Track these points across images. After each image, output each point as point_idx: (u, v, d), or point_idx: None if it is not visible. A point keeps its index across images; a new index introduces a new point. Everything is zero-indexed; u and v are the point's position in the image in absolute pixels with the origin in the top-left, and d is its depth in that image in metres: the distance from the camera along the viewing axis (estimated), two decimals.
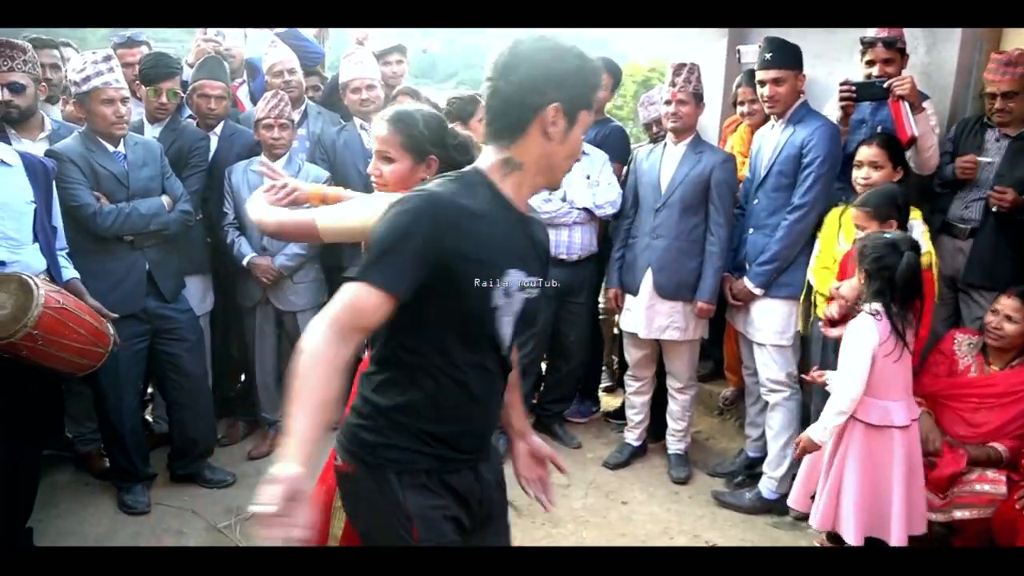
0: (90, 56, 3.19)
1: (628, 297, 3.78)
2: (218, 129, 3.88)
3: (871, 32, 3.33)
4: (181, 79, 3.73)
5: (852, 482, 2.72)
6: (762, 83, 3.40)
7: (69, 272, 2.98)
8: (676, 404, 3.83)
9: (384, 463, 1.65)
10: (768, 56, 3.35)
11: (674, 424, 3.85)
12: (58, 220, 2.98)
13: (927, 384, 3.12)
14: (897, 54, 3.31)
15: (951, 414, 3.08)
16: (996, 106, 3.19)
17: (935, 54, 3.56)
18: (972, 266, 3.32)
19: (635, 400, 3.95)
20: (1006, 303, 3.00)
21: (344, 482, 1.77)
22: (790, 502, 3.01)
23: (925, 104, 3.26)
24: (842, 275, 3.18)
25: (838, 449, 2.77)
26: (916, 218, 3.11)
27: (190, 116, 3.93)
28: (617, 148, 4.17)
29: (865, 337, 2.66)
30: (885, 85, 3.18)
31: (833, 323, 3.05)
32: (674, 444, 3.87)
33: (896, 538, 2.69)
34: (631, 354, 3.89)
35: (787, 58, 3.35)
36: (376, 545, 1.75)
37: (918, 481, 2.76)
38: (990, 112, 3.25)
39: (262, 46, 4.52)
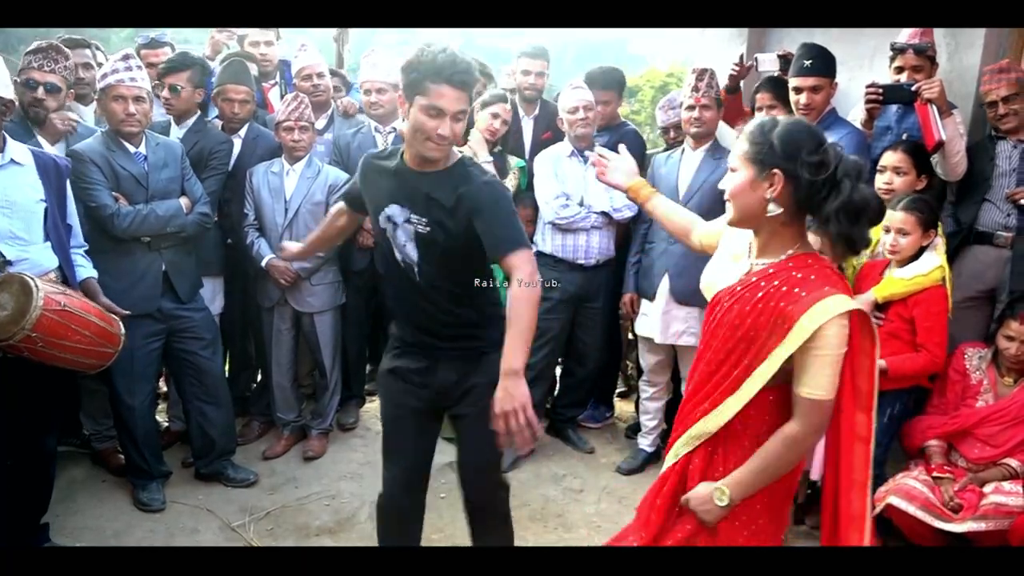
0: (113, 56, 3.24)
1: (644, 302, 3.77)
2: (242, 132, 3.90)
3: (902, 39, 3.31)
4: (194, 76, 3.70)
5: None
6: (798, 90, 3.34)
7: (86, 271, 2.99)
8: None
9: None
10: (807, 63, 3.30)
11: None
12: (73, 219, 2.98)
13: (945, 424, 3.09)
14: (927, 61, 3.28)
15: (970, 439, 3.05)
16: (1000, 112, 3.17)
17: (957, 61, 3.53)
18: (1016, 274, 3.23)
19: (650, 406, 3.93)
20: (1020, 329, 2.95)
21: None
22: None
23: (954, 111, 3.24)
24: (858, 287, 3.16)
25: None
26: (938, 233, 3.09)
27: (216, 117, 3.95)
28: (631, 150, 4.14)
29: None
30: (914, 88, 3.16)
31: None
32: None
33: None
34: (646, 359, 3.88)
35: (825, 65, 3.32)
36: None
37: None
38: (994, 120, 3.22)
39: (289, 46, 4.57)
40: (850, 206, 1.70)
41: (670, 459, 2.03)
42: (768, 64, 3.79)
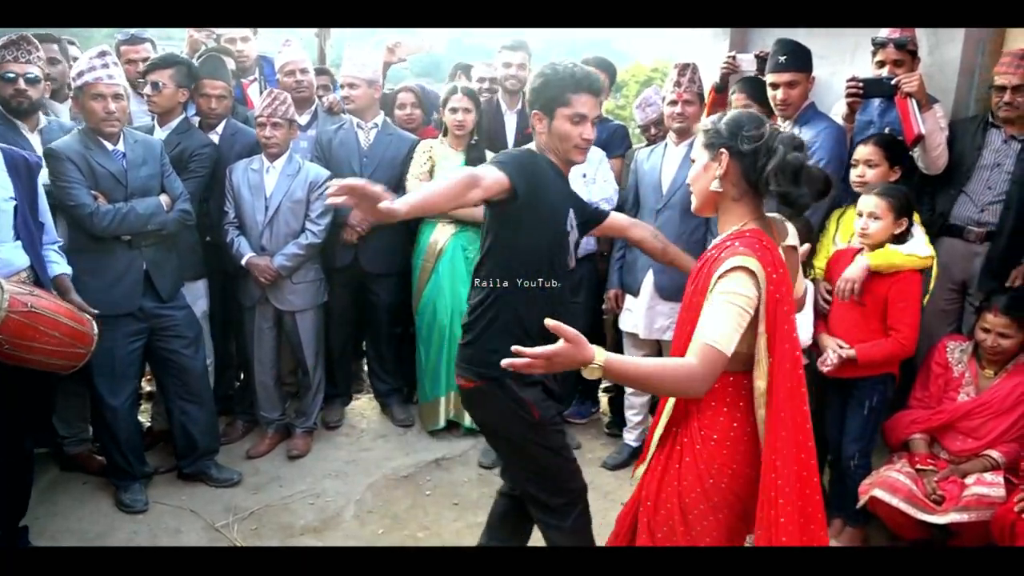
0: (88, 52, 3.18)
1: (628, 298, 3.77)
2: (220, 128, 3.86)
3: (883, 33, 3.32)
4: (177, 75, 3.64)
5: None
6: (775, 86, 3.36)
7: (59, 267, 2.94)
8: None
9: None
10: (782, 58, 3.32)
11: None
12: (46, 216, 2.93)
13: (930, 419, 3.11)
14: (908, 56, 3.30)
15: (952, 432, 3.08)
16: (1004, 99, 3.15)
17: (938, 55, 3.55)
18: (986, 275, 3.27)
19: (634, 401, 3.94)
20: (995, 321, 2.98)
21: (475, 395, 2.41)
22: None
23: (935, 105, 3.25)
24: (830, 273, 3.20)
25: None
26: (915, 221, 3.10)
27: (194, 114, 3.91)
28: (619, 145, 4.19)
29: None
30: (893, 82, 3.17)
31: None
32: None
33: None
34: (631, 354, 3.88)
35: (800, 60, 3.33)
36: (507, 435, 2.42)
37: None
38: (996, 106, 3.20)
39: (271, 43, 4.52)
40: (785, 165, 1.82)
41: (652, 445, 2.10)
42: (747, 64, 3.80)
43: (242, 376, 4.27)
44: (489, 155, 3.94)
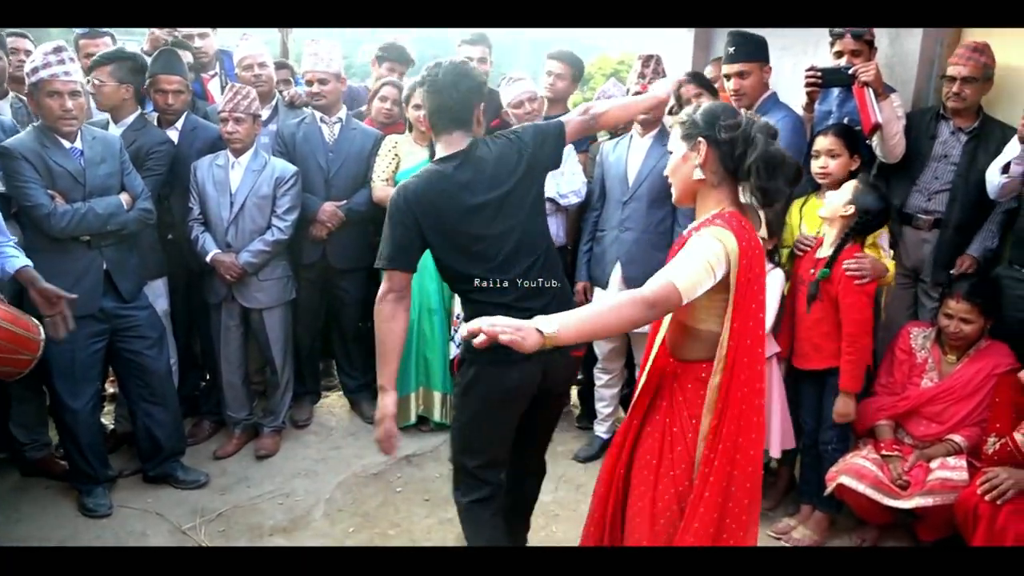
0: (43, 48, 3.09)
1: (597, 291, 3.77)
2: (179, 123, 3.79)
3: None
4: (118, 71, 3.52)
5: None
6: (727, 76, 3.39)
7: (20, 260, 2.84)
8: None
9: None
10: (732, 50, 3.35)
11: None
12: None
13: (895, 405, 3.14)
14: (865, 46, 3.34)
15: (916, 417, 3.12)
16: (953, 90, 3.21)
17: (898, 46, 3.59)
18: (937, 265, 3.34)
19: (605, 393, 3.95)
20: (957, 307, 3.02)
21: None
22: None
23: (892, 95, 3.29)
24: (795, 266, 3.22)
25: None
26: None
27: (152, 110, 3.83)
28: (583, 140, 4.17)
29: None
30: (851, 71, 3.21)
31: None
32: None
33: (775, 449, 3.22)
34: (600, 347, 3.88)
35: (752, 51, 3.36)
36: None
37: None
38: (946, 96, 3.26)
39: (232, 37, 4.47)
40: (767, 157, 1.89)
41: None
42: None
43: (208, 375, 4.21)
44: None
